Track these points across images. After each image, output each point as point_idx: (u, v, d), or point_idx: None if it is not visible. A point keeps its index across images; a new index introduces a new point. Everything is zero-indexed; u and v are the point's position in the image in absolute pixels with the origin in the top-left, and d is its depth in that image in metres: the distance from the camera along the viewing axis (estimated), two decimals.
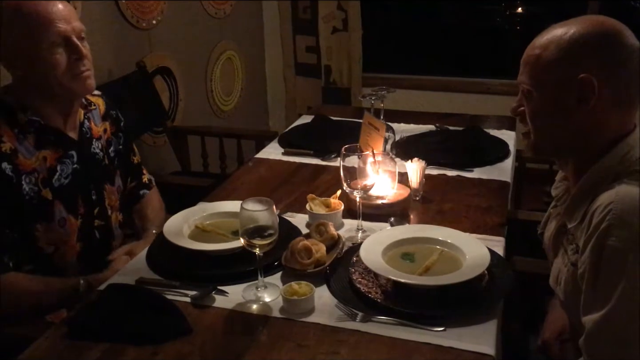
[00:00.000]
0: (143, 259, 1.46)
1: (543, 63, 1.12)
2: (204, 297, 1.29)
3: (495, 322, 1.20)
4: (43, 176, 1.46)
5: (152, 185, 1.85)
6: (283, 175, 1.95)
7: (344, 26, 3.71)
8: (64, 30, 1.42)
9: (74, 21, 1.45)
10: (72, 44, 1.43)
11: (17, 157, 1.40)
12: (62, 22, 1.42)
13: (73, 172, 1.52)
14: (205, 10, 3.29)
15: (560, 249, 1.23)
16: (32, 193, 1.43)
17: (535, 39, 1.16)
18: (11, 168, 1.39)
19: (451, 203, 1.72)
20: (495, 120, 2.41)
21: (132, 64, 2.70)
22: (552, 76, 1.12)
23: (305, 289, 1.26)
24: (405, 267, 1.34)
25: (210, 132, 2.94)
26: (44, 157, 1.46)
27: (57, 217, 1.48)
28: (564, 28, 1.12)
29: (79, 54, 1.44)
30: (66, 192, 1.50)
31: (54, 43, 1.41)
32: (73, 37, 1.44)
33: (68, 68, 1.43)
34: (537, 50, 1.14)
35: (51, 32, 1.40)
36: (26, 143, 1.44)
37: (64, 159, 1.51)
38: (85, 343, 1.17)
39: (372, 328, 1.18)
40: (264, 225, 1.25)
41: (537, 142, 1.19)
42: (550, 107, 1.14)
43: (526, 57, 1.17)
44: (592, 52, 1.09)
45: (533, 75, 1.14)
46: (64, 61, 1.43)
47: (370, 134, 1.80)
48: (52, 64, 1.41)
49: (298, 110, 3.94)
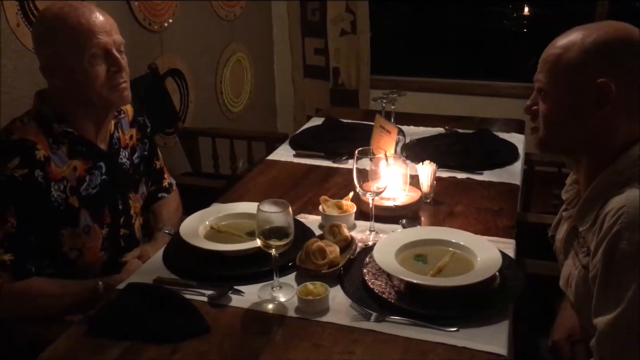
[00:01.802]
0: (160, 258, 1.49)
1: (563, 64, 1.14)
2: (221, 296, 1.32)
3: (507, 323, 1.22)
4: (71, 185, 1.48)
5: (172, 189, 1.88)
6: (295, 177, 1.98)
7: (352, 28, 3.73)
8: (105, 43, 1.43)
9: (114, 34, 1.47)
10: (112, 56, 1.45)
11: (49, 165, 1.43)
12: (104, 35, 1.43)
13: (101, 182, 1.55)
14: (215, 13, 3.33)
15: (571, 251, 1.25)
16: (60, 200, 1.46)
17: (556, 39, 1.18)
18: (42, 175, 1.41)
19: (462, 205, 1.74)
20: (503, 123, 2.43)
21: (144, 66, 2.73)
22: (571, 78, 1.14)
23: (320, 289, 1.29)
24: (418, 269, 1.36)
25: (221, 134, 2.96)
26: (75, 167, 1.49)
27: (82, 224, 1.51)
28: (586, 32, 1.14)
29: (118, 67, 1.46)
30: (93, 201, 1.53)
31: (95, 55, 1.42)
32: (113, 50, 1.45)
33: (107, 80, 1.45)
34: (558, 50, 1.15)
35: (93, 44, 1.42)
36: (59, 152, 1.46)
37: (93, 170, 1.54)
38: (105, 341, 1.20)
39: (387, 328, 1.21)
40: (280, 227, 1.27)
41: (546, 138, 1.21)
42: (565, 108, 1.16)
43: (546, 55, 1.18)
44: (612, 58, 1.11)
45: (551, 74, 1.16)
46: (104, 73, 1.44)
47: (381, 136, 1.82)
48: (92, 75, 1.43)
49: (306, 112, 3.97)
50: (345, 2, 3.68)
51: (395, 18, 4.17)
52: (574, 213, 1.22)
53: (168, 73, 2.95)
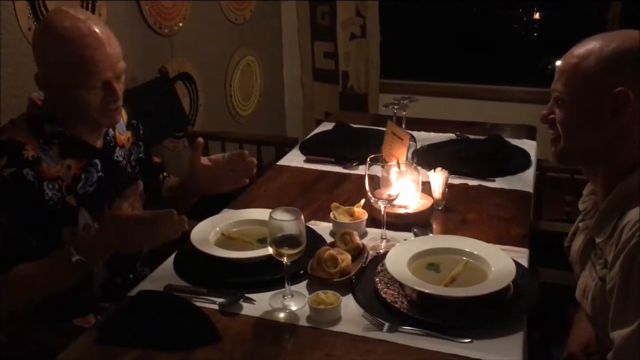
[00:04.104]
0: (170, 265, 1.48)
1: (581, 73, 1.14)
2: (232, 304, 1.31)
3: (522, 334, 1.20)
4: (67, 184, 1.47)
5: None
6: (305, 183, 1.97)
7: (362, 32, 3.73)
8: (107, 77, 1.42)
9: (117, 64, 1.44)
10: (111, 88, 1.44)
11: (40, 165, 1.42)
12: (107, 70, 1.41)
13: (98, 180, 1.54)
14: (225, 16, 3.33)
15: (587, 263, 1.24)
16: (56, 199, 1.45)
17: (573, 49, 1.17)
18: (33, 174, 1.40)
19: (474, 213, 1.73)
20: (515, 129, 2.41)
21: (155, 70, 2.74)
22: (589, 86, 1.13)
23: (332, 298, 1.28)
24: (430, 278, 1.35)
25: (231, 138, 2.96)
26: (69, 166, 1.48)
27: (82, 222, 1.50)
28: (604, 41, 1.13)
29: (114, 97, 1.46)
30: (91, 199, 1.52)
31: (94, 87, 1.42)
32: (113, 83, 1.44)
33: (101, 106, 1.45)
34: (576, 60, 1.15)
35: (94, 79, 1.40)
36: (51, 153, 1.45)
37: (89, 168, 1.53)
38: (117, 349, 1.19)
39: (400, 338, 1.19)
40: (292, 235, 1.26)
41: (566, 149, 1.20)
42: (583, 117, 1.15)
43: (563, 65, 1.17)
44: (631, 66, 1.11)
45: (569, 83, 1.15)
46: (99, 100, 1.44)
47: (393, 143, 1.81)
48: (87, 102, 1.43)
49: (315, 116, 3.97)
50: (355, 5, 3.68)
51: (405, 22, 4.16)
52: (591, 224, 1.20)
53: (178, 77, 2.95)
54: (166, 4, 2.82)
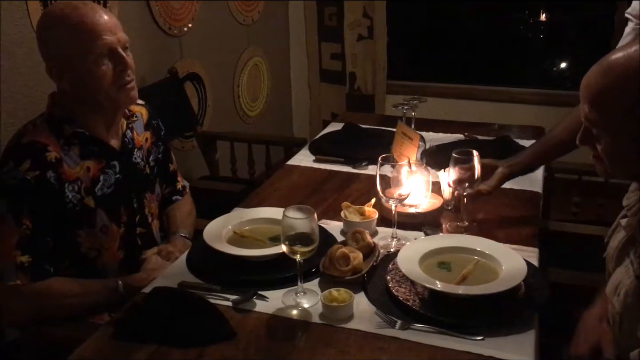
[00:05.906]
0: (184, 262, 1.50)
1: (606, 94, 1.10)
2: (245, 301, 1.33)
3: (534, 333, 1.21)
4: (86, 185, 1.49)
5: (186, 192, 1.89)
6: (315, 182, 1.98)
7: (369, 33, 3.74)
8: (110, 42, 1.44)
9: (119, 32, 1.47)
10: (118, 54, 1.46)
11: (61, 166, 1.44)
12: (108, 34, 1.44)
13: (116, 181, 1.55)
14: (233, 17, 3.35)
15: (625, 260, 1.22)
16: (75, 200, 1.46)
17: (592, 71, 1.13)
18: (55, 176, 1.42)
19: (483, 213, 1.74)
20: (522, 130, 2.42)
21: (164, 70, 2.76)
22: (618, 105, 1.10)
23: (344, 295, 1.29)
24: (442, 276, 1.36)
25: (239, 138, 2.98)
26: (88, 167, 1.50)
27: (99, 224, 1.52)
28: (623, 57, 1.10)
29: (124, 65, 1.47)
30: (109, 201, 1.54)
31: (101, 54, 1.43)
32: (119, 48, 1.46)
33: (114, 79, 1.46)
34: (600, 84, 1.11)
35: (98, 44, 1.42)
36: (71, 153, 1.47)
37: (107, 169, 1.54)
38: (132, 345, 1.21)
39: (412, 336, 1.21)
40: (305, 233, 1.28)
41: (614, 172, 1.18)
42: (620, 136, 1.12)
43: (588, 91, 1.13)
44: None
45: (598, 108, 1.12)
46: (110, 72, 1.45)
47: (403, 143, 1.82)
48: (99, 75, 1.44)
49: (322, 117, 3.98)
50: (363, 7, 3.69)
51: (412, 23, 4.17)
52: (634, 222, 1.19)
53: (187, 77, 2.97)
54: (176, 4, 2.84)
